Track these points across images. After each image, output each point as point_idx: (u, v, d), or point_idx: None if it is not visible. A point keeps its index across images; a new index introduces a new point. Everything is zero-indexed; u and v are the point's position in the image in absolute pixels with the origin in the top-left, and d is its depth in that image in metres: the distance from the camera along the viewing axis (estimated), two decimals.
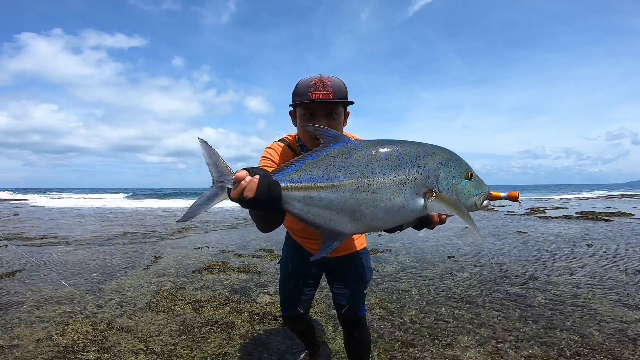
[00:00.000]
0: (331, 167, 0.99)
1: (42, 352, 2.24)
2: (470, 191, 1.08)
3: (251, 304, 3.11)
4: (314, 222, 1.01)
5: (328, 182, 0.98)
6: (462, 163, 1.10)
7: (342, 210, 0.98)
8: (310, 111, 1.32)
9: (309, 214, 1.00)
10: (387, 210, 0.99)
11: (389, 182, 0.98)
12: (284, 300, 1.80)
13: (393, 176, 0.99)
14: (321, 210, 0.99)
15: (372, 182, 0.98)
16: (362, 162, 0.99)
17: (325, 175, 0.98)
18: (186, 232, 7.79)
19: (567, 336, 2.47)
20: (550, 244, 6.02)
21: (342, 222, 1.00)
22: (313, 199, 0.98)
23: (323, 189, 0.98)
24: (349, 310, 1.66)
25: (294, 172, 1.00)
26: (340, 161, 1.00)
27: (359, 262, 1.68)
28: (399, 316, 2.87)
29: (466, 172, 1.08)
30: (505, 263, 4.65)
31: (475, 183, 1.09)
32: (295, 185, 0.98)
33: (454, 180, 1.06)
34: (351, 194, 0.97)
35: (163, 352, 2.26)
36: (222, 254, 5.32)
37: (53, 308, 3.00)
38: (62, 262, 4.72)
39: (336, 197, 0.97)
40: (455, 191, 1.05)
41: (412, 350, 2.30)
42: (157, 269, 4.39)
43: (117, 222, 10.24)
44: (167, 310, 2.96)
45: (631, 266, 4.38)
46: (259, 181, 0.93)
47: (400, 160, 1.01)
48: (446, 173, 1.05)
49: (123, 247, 5.97)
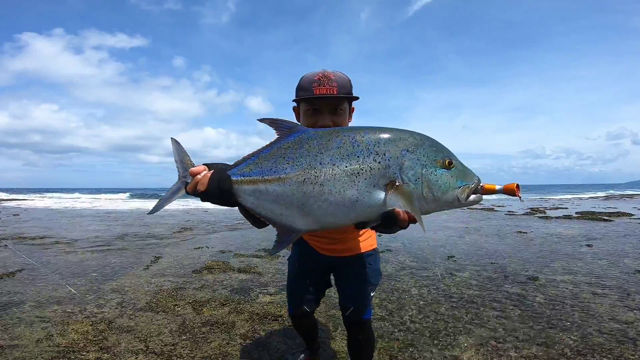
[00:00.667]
0: (280, 159, 0.95)
1: (42, 352, 2.24)
2: (449, 183, 0.90)
3: (251, 304, 3.11)
4: (267, 216, 0.98)
5: (275, 175, 0.93)
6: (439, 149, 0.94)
7: (291, 205, 0.92)
8: (314, 107, 1.29)
9: (260, 208, 0.97)
10: (337, 204, 0.89)
11: (338, 173, 0.89)
12: (290, 297, 1.81)
13: (344, 166, 0.89)
14: (271, 204, 0.95)
15: (319, 174, 0.90)
16: (311, 153, 0.92)
17: (273, 168, 0.94)
18: (186, 232, 7.79)
19: (567, 336, 2.47)
20: (550, 244, 6.02)
21: (293, 217, 0.94)
22: (262, 193, 0.95)
23: (270, 182, 0.94)
24: (354, 313, 1.62)
25: (246, 166, 0.98)
26: (290, 153, 0.95)
27: (366, 264, 1.63)
28: (399, 316, 2.87)
29: (443, 160, 0.91)
30: (505, 263, 4.64)
31: (456, 173, 0.92)
32: (245, 179, 0.97)
33: (425, 169, 0.89)
34: (297, 187, 0.91)
35: (163, 352, 2.26)
36: (222, 254, 5.32)
37: (53, 308, 3.00)
38: (62, 262, 4.72)
39: (282, 190, 0.92)
40: (427, 182, 0.89)
41: (412, 350, 2.30)
42: (157, 269, 4.39)
43: (117, 222, 10.23)
44: (167, 310, 2.96)
45: (631, 266, 4.38)
46: (211, 175, 0.96)
47: (355, 148, 0.91)
48: (413, 161, 0.90)
49: (123, 247, 5.96)
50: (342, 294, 1.69)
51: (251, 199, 0.97)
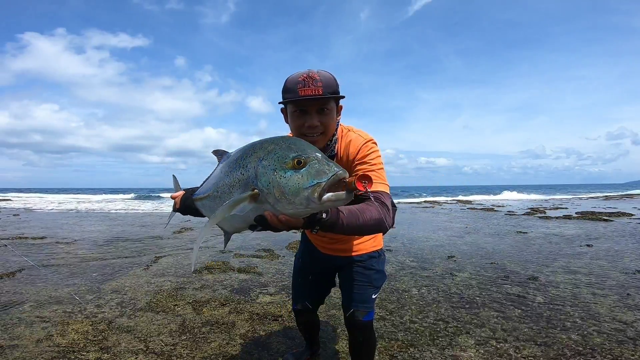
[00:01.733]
0: (211, 180, 1.19)
1: (42, 352, 2.24)
2: (298, 183, 0.87)
3: (251, 304, 3.11)
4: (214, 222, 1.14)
5: (204, 194, 1.18)
6: (292, 150, 0.92)
7: (214, 213, 1.06)
8: (300, 108, 1.29)
9: (207, 215, 1.22)
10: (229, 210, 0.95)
11: (224, 186, 1.04)
12: (293, 293, 1.90)
13: (226, 181, 1.03)
14: (210, 213, 1.16)
15: (218, 189, 1.07)
16: (223, 170, 1.10)
17: (205, 188, 1.21)
18: (186, 232, 7.79)
19: (567, 336, 2.47)
20: (550, 244, 6.02)
21: (222, 223, 1.15)
22: (204, 206, 1.20)
23: (203, 198, 1.18)
24: (355, 315, 1.62)
25: (202, 186, 1.26)
26: (215, 174, 1.19)
27: (369, 266, 1.64)
28: (399, 316, 2.87)
29: (292, 161, 0.89)
30: (505, 263, 4.65)
31: (306, 172, 0.88)
32: (196, 197, 1.25)
33: (274, 173, 0.89)
34: (212, 201, 1.11)
35: (163, 352, 2.26)
36: (222, 254, 5.32)
37: (53, 308, 3.00)
38: (62, 262, 4.72)
39: (209, 204, 1.14)
40: (277, 186, 0.89)
41: (412, 350, 2.30)
42: (157, 269, 4.39)
43: (117, 222, 10.24)
44: (167, 310, 2.96)
45: (631, 266, 4.38)
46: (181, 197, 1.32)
47: (232, 164, 1.03)
48: (265, 167, 0.92)
49: (123, 247, 5.97)
50: (344, 295, 1.69)
51: (204, 209, 1.22)
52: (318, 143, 1.31)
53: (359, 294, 1.62)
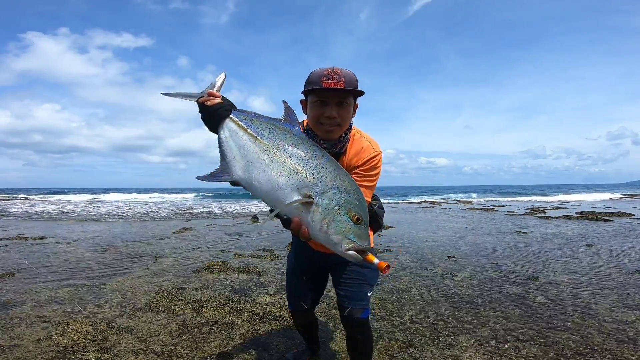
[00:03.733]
0: (266, 129, 1.19)
1: (42, 352, 2.24)
2: (345, 230, 1.06)
3: (251, 304, 3.11)
4: (224, 150, 1.21)
5: (254, 133, 1.18)
6: (360, 207, 1.10)
7: (244, 157, 1.16)
8: (321, 99, 1.37)
9: (226, 143, 1.21)
10: (268, 179, 1.10)
11: (286, 163, 1.10)
12: (288, 293, 1.87)
13: (293, 163, 1.10)
14: (234, 145, 1.19)
15: (276, 154, 1.12)
16: (285, 140, 1.15)
17: (258, 129, 1.19)
18: (186, 232, 7.79)
19: (567, 336, 2.47)
20: (550, 244, 6.03)
21: (237, 165, 1.17)
22: (237, 135, 1.20)
23: (248, 134, 1.18)
24: (352, 313, 1.64)
25: (245, 116, 1.24)
26: (275, 130, 1.19)
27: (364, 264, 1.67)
28: (399, 316, 2.87)
29: (355, 215, 1.07)
30: (505, 263, 4.65)
31: (356, 229, 1.07)
32: (237, 120, 1.22)
33: (338, 208, 1.06)
34: (258, 150, 1.14)
35: (163, 352, 2.26)
36: (222, 254, 5.32)
37: (53, 308, 3.00)
38: (62, 262, 4.72)
39: (248, 144, 1.16)
40: (331, 217, 1.05)
41: (412, 350, 2.30)
42: (157, 269, 4.39)
43: (117, 222, 10.24)
44: (167, 310, 2.96)
45: (631, 266, 4.39)
46: (221, 101, 1.24)
47: (309, 159, 1.12)
48: (335, 196, 1.07)
49: (123, 247, 5.96)
50: (340, 294, 1.70)
51: (227, 133, 1.22)
52: (333, 133, 1.41)
53: (354, 292, 1.65)
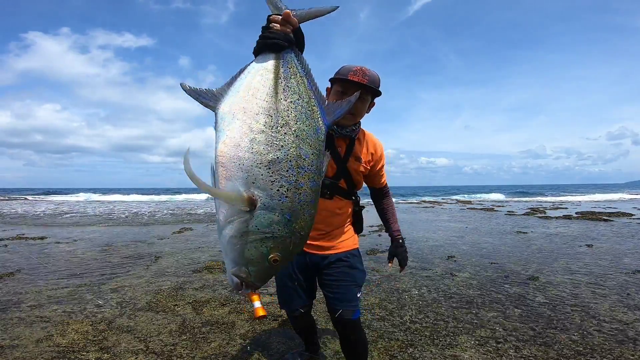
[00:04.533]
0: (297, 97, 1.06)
1: (42, 352, 2.24)
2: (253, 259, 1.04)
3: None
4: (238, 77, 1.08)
5: (282, 90, 1.05)
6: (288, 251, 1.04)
7: (245, 99, 1.04)
8: (344, 89, 1.53)
9: (248, 73, 1.08)
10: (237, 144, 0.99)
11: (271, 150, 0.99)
12: (280, 298, 1.86)
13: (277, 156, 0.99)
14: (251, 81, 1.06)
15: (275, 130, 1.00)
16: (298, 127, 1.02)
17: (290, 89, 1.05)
18: (186, 232, 7.79)
19: (567, 336, 2.47)
20: (550, 244, 6.03)
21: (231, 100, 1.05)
22: (265, 73, 1.06)
23: (275, 83, 1.05)
24: (343, 315, 1.65)
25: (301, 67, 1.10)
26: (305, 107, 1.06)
27: (350, 265, 1.68)
28: (399, 316, 2.87)
29: (276, 257, 1.02)
30: (505, 263, 4.65)
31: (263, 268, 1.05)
32: (288, 61, 1.08)
33: (266, 237, 1.00)
34: (265, 107, 1.02)
35: (163, 352, 2.26)
36: (222, 253, 5.32)
37: (53, 308, 3.00)
38: (62, 262, 4.72)
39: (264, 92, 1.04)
40: (251, 238, 1.01)
41: (412, 351, 2.30)
42: (157, 269, 4.39)
43: (117, 222, 10.24)
44: (167, 310, 2.96)
45: (631, 266, 4.39)
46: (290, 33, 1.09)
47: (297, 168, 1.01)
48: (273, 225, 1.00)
49: (123, 247, 5.97)
50: (330, 297, 1.70)
51: (260, 66, 1.08)
52: (347, 120, 1.57)
53: (344, 293, 1.65)
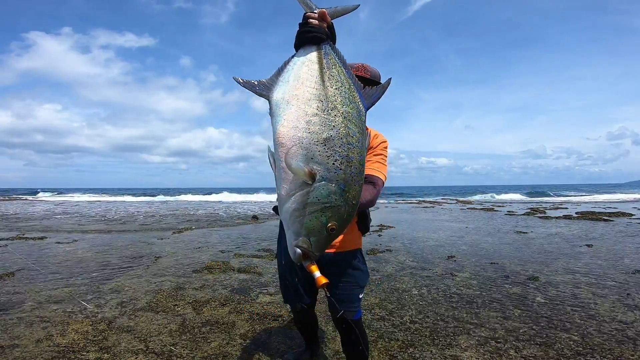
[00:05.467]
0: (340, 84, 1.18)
1: (42, 352, 2.24)
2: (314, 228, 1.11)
3: (251, 304, 3.11)
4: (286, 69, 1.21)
5: (327, 77, 1.17)
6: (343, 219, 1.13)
7: (296, 87, 1.16)
8: None
9: (294, 65, 1.20)
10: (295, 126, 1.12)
11: (325, 129, 1.11)
12: (283, 294, 1.87)
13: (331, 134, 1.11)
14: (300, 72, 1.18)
15: (326, 112, 1.13)
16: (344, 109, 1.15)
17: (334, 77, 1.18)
18: (186, 232, 7.79)
19: (567, 336, 2.47)
20: (550, 244, 6.02)
21: (284, 89, 1.18)
22: (312, 66, 1.18)
23: (321, 73, 1.17)
24: (345, 316, 1.65)
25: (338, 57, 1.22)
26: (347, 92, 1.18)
27: (355, 266, 1.68)
28: (399, 316, 2.87)
29: (333, 225, 1.11)
30: (505, 263, 4.65)
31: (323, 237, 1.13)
32: (327, 53, 1.21)
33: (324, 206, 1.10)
34: (315, 94, 1.14)
35: (163, 352, 2.26)
36: (222, 253, 5.32)
37: (53, 308, 3.00)
38: (62, 262, 4.72)
39: (313, 81, 1.16)
40: (311, 208, 1.10)
41: (412, 350, 2.30)
42: (157, 269, 4.39)
43: (118, 222, 10.24)
44: (167, 310, 2.96)
45: (631, 266, 4.38)
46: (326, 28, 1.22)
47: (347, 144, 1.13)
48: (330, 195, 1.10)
49: (123, 247, 5.97)
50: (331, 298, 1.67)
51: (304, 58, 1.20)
52: None
53: (346, 294, 1.66)
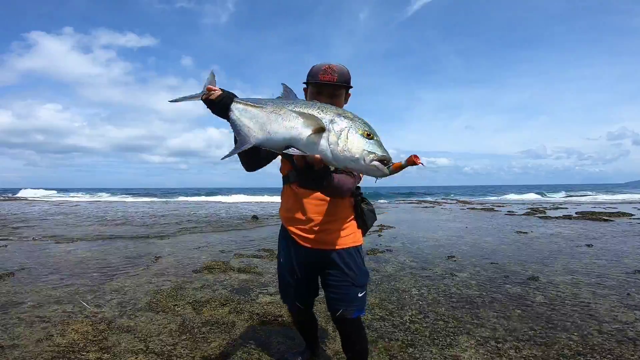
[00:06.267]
0: (269, 100, 1.38)
1: (42, 352, 2.24)
2: (362, 144, 1.19)
3: (251, 304, 3.11)
4: (239, 127, 1.37)
5: (259, 105, 1.36)
6: (367, 127, 1.24)
7: (257, 122, 1.34)
8: (318, 90, 1.62)
9: (239, 120, 1.37)
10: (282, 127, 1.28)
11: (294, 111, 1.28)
12: (281, 294, 1.89)
13: (296, 108, 1.28)
14: (246, 119, 1.36)
15: (283, 110, 1.30)
16: (287, 103, 1.33)
17: (261, 102, 1.37)
18: (186, 232, 7.79)
19: (567, 336, 2.47)
20: (550, 244, 6.03)
21: (254, 130, 1.34)
22: (246, 111, 1.37)
23: (254, 107, 1.36)
24: (343, 314, 1.66)
25: (249, 99, 1.40)
26: (277, 99, 1.39)
27: (351, 266, 1.67)
28: (399, 316, 2.87)
29: (365, 132, 1.21)
30: (505, 263, 4.65)
31: (371, 143, 1.21)
32: (241, 100, 1.39)
33: (348, 129, 1.21)
34: (267, 113, 1.33)
35: (163, 352, 2.26)
36: (222, 254, 5.32)
37: (53, 308, 3.00)
38: (62, 262, 4.72)
39: (257, 113, 1.35)
40: (345, 136, 1.20)
41: (412, 351, 2.30)
42: (157, 269, 4.39)
43: (118, 222, 10.24)
44: (167, 310, 2.96)
45: (631, 266, 4.38)
46: (222, 92, 1.36)
47: (310, 103, 1.31)
48: (342, 122, 1.22)
49: (123, 247, 5.96)
50: (331, 297, 1.71)
51: (237, 113, 1.38)
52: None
53: (345, 294, 1.66)
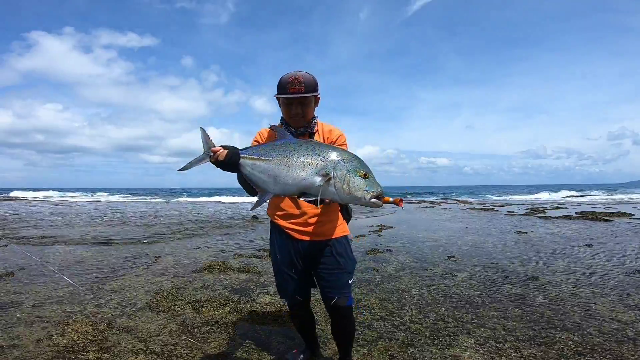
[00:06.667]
0: (271, 150, 1.54)
1: (42, 352, 2.24)
2: (361, 184, 1.41)
3: (251, 304, 3.11)
4: (255, 181, 1.55)
5: (265, 158, 1.52)
6: (362, 166, 1.46)
7: (270, 175, 1.51)
8: (288, 101, 1.74)
9: (252, 175, 1.54)
10: (294, 179, 1.46)
11: (300, 162, 1.47)
12: (279, 289, 1.94)
13: (302, 159, 1.47)
14: (258, 173, 1.53)
15: (290, 161, 1.48)
16: (288, 150, 1.50)
17: (266, 154, 1.53)
18: (186, 232, 7.79)
19: (567, 336, 2.47)
20: (550, 244, 6.02)
21: (269, 183, 1.52)
22: (256, 166, 1.53)
23: (262, 160, 1.52)
24: (338, 302, 1.78)
25: (252, 150, 1.57)
26: (277, 147, 1.54)
27: (342, 253, 1.81)
28: (399, 316, 2.87)
29: (362, 173, 1.43)
30: (505, 263, 4.65)
31: (368, 182, 1.42)
32: (248, 156, 1.54)
33: (349, 173, 1.42)
34: (275, 166, 1.49)
35: (163, 352, 2.26)
36: (222, 254, 5.32)
37: (53, 308, 3.00)
38: (61, 262, 4.72)
39: (267, 166, 1.51)
40: (348, 180, 1.41)
41: (412, 351, 2.30)
42: (157, 269, 4.39)
43: (118, 222, 10.23)
44: (167, 310, 2.96)
45: (631, 266, 4.38)
46: (227, 151, 1.50)
47: (312, 150, 1.48)
48: (343, 167, 1.43)
49: (123, 247, 5.97)
50: (323, 285, 1.81)
51: (248, 169, 1.55)
52: (300, 123, 1.78)
53: (335, 280, 1.78)
